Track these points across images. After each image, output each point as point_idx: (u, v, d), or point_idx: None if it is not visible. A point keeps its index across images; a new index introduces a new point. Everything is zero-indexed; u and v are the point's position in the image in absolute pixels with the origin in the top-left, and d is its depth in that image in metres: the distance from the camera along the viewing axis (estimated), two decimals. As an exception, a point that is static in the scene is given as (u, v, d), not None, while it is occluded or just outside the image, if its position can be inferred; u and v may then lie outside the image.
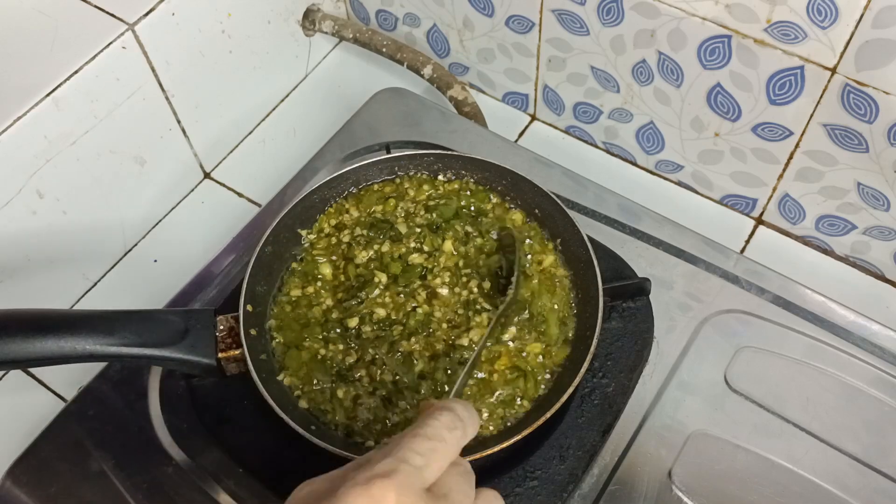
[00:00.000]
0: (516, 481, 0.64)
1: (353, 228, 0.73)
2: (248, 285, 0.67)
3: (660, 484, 0.64)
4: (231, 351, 0.64)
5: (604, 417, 0.66)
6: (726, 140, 0.81)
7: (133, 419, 0.68)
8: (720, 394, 0.68)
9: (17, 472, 0.66)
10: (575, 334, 0.68)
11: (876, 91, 0.68)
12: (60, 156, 0.74)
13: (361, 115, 0.88)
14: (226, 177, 0.94)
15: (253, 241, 0.73)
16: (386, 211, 0.74)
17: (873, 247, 0.80)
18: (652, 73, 0.80)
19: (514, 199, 0.75)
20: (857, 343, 0.70)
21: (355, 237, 0.72)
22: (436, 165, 0.77)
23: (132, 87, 0.78)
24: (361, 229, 0.72)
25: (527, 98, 0.96)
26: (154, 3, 0.76)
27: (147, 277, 0.86)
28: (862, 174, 0.75)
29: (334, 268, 0.71)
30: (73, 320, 0.60)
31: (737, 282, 0.74)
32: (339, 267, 0.71)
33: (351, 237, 0.72)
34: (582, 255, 0.69)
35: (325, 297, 0.69)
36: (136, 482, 0.65)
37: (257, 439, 0.66)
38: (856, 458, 0.65)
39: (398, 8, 0.96)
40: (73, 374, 0.73)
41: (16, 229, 0.74)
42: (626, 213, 0.78)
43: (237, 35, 0.87)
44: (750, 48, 0.71)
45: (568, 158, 0.86)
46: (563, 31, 0.83)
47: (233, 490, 0.64)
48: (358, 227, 0.73)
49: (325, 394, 0.64)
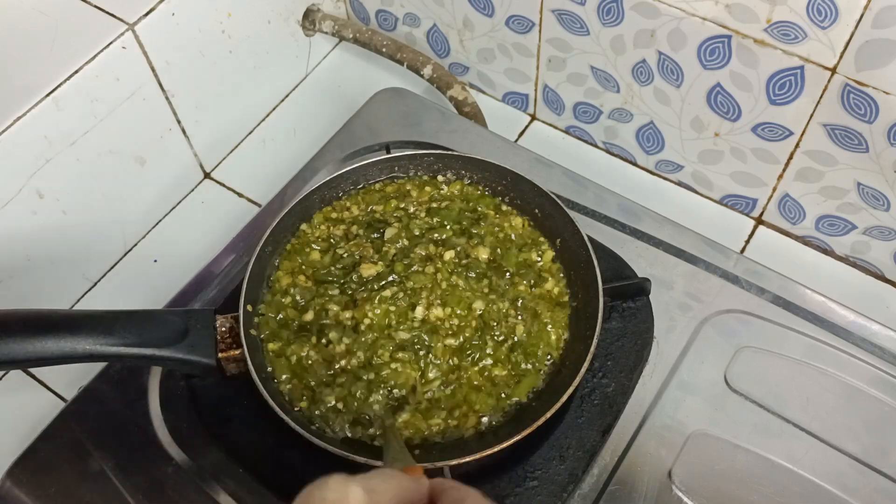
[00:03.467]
0: (516, 481, 0.64)
1: (350, 226, 0.73)
2: (248, 285, 0.67)
3: (660, 484, 0.64)
4: (231, 351, 0.64)
5: (604, 417, 0.66)
6: (726, 140, 0.81)
7: (133, 419, 0.68)
8: (720, 394, 0.68)
9: (17, 472, 0.66)
10: (575, 334, 0.68)
11: (876, 91, 0.68)
12: (60, 156, 0.74)
13: (361, 115, 0.88)
14: (226, 177, 0.94)
15: (253, 241, 0.73)
16: (386, 211, 0.74)
17: (873, 247, 0.80)
18: (652, 73, 0.80)
19: (514, 199, 0.75)
20: (857, 343, 0.70)
21: (349, 233, 0.73)
22: (436, 165, 0.77)
23: (132, 87, 0.78)
24: (358, 228, 0.73)
25: (527, 98, 0.96)
26: (154, 3, 0.76)
27: (147, 277, 0.86)
28: (862, 174, 0.75)
29: (321, 252, 0.72)
30: (73, 320, 0.60)
31: (737, 282, 0.74)
32: (325, 251, 0.72)
33: (345, 230, 0.73)
34: (582, 255, 0.69)
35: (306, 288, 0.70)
36: (136, 482, 0.65)
37: (257, 439, 0.66)
38: (856, 458, 0.65)
39: (398, 8, 0.96)
40: (73, 374, 0.73)
41: (16, 229, 0.74)
42: (626, 213, 0.78)
43: (237, 35, 0.87)
44: (750, 48, 0.71)
45: (568, 158, 0.86)
46: (563, 31, 0.83)
47: (233, 490, 0.64)
48: (355, 226, 0.73)
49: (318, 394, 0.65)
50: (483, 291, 0.68)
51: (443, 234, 0.72)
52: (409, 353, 0.64)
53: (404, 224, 0.72)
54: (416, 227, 0.72)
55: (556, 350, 0.67)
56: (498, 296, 0.68)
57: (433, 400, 0.64)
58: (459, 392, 0.64)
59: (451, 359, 0.65)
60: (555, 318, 0.68)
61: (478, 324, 0.67)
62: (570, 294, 0.70)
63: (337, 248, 0.71)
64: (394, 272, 0.68)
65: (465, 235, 0.72)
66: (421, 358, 0.65)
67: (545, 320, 0.68)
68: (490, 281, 0.69)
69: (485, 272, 0.69)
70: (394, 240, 0.71)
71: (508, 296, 0.68)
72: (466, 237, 0.72)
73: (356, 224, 0.73)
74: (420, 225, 0.72)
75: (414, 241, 0.71)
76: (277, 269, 0.71)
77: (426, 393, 0.64)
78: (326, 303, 0.67)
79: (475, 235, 0.72)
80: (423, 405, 0.64)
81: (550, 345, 0.67)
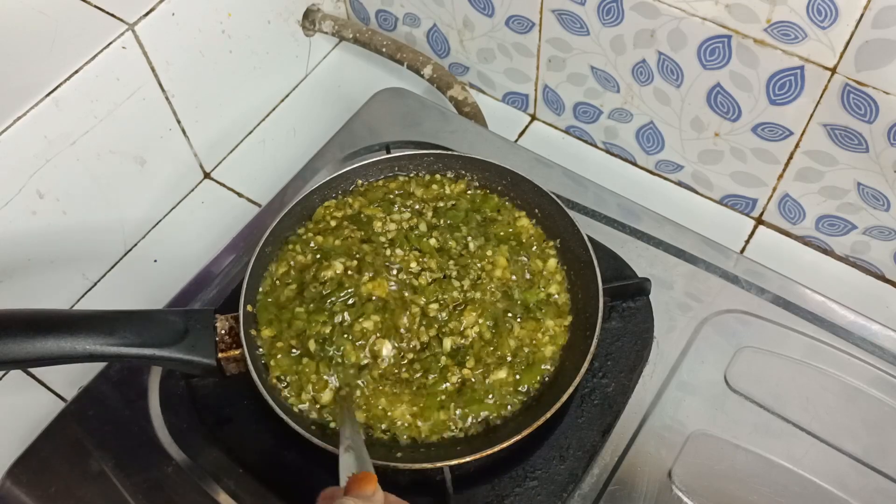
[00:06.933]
0: (516, 481, 0.64)
1: (342, 222, 0.73)
2: (248, 285, 0.67)
3: (660, 484, 0.64)
4: (231, 351, 0.64)
5: (604, 417, 0.66)
6: (726, 140, 0.81)
7: (133, 419, 0.68)
8: (720, 394, 0.68)
9: (17, 472, 0.66)
10: (575, 334, 0.68)
11: (876, 91, 0.68)
12: (60, 156, 0.74)
13: (361, 115, 0.88)
14: (226, 177, 0.94)
15: (253, 241, 0.73)
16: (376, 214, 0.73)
17: (873, 247, 0.80)
18: (652, 73, 0.80)
19: (514, 199, 0.75)
20: (857, 343, 0.70)
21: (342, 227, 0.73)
22: (436, 165, 0.77)
23: (132, 87, 0.78)
24: (350, 223, 0.73)
25: (527, 98, 0.96)
26: (154, 3, 0.76)
27: (147, 277, 0.86)
28: (862, 174, 0.75)
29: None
30: (73, 320, 0.60)
31: (737, 282, 0.74)
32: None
33: (338, 223, 0.73)
34: (582, 255, 0.69)
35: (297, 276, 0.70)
36: (136, 482, 0.65)
37: (257, 439, 0.66)
38: (856, 458, 0.65)
39: (398, 8, 0.96)
40: (73, 374, 0.74)
41: (16, 229, 0.74)
42: (626, 213, 0.78)
43: (237, 35, 0.87)
44: (750, 48, 0.71)
45: (568, 158, 0.86)
46: (563, 31, 0.83)
47: (233, 490, 0.64)
48: (346, 221, 0.73)
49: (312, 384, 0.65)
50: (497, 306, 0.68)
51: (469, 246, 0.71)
52: (384, 316, 0.65)
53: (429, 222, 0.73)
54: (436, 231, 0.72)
55: (556, 351, 0.67)
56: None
57: (431, 399, 0.64)
58: (464, 391, 0.64)
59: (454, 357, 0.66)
60: (557, 323, 0.68)
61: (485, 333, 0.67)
62: (570, 295, 0.70)
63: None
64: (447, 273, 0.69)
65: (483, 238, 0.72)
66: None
67: (548, 324, 0.68)
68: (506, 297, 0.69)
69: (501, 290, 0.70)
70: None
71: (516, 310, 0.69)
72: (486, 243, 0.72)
73: (347, 220, 0.73)
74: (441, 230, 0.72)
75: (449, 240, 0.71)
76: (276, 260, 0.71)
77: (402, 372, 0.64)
78: (326, 268, 0.68)
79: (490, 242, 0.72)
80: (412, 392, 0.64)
81: (553, 346, 0.67)
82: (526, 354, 0.66)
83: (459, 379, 0.64)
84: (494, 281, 0.69)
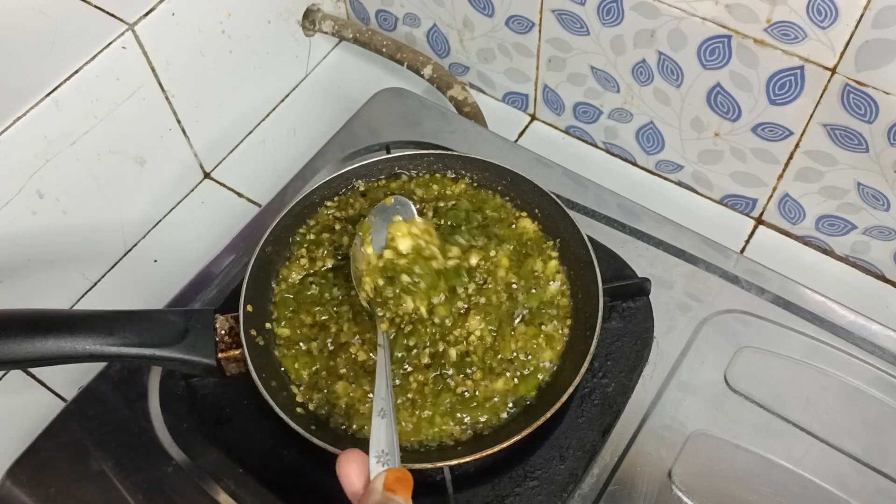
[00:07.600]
0: (516, 481, 0.64)
1: (342, 222, 0.73)
2: (248, 285, 0.67)
3: (660, 484, 0.64)
4: (231, 351, 0.64)
5: (604, 417, 0.66)
6: (726, 140, 0.81)
7: (133, 419, 0.68)
8: (720, 394, 0.68)
9: (17, 472, 0.66)
10: (575, 334, 0.68)
11: (876, 91, 0.68)
12: (60, 156, 0.74)
13: (361, 115, 0.88)
14: (226, 177, 0.94)
15: (253, 241, 0.73)
16: None
17: (873, 247, 0.81)
18: (652, 73, 0.80)
19: (515, 199, 0.75)
20: (857, 343, 0.70)
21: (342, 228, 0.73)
22: (436, 165, 0.77)
23: (132, 87, 0.78)
24: (348, 223, 0.73)
25: (527, 98, 0.96)
26: (154, 3, 0.76)
27: (147, 277, 0.86)
28: (862, 174, 0.75)
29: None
30: (73, 320, 0.60)
31: (737, 282, 0.74)
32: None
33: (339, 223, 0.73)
34: (582, 255, 0.69)
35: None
36: (136, 482, 0.65)
37: (257, 439, 0.66)
38: (856, 458, 0.65)
39: (398, 8, 0.96)
40: (73, 374, 0.74)
41: (16, 229, 0.74)
42: (626, 213, 0.78)
43: (237, 35, 0.87)
44: (750, 48, 0.71)
45: (568, 158, 0.86)
46: (563, 31, 0.83)
47: (233, 490, 0.64)
48: (344, 221, 0.73)
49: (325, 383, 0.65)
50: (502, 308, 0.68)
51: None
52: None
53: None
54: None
55: (555, 355, 0.67)
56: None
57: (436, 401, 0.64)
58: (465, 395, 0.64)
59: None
60: (558, 326, 0.68)
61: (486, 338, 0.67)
62: (570, 295, 0.70)
63: None
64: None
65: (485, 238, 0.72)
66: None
67: (548, 329, 0.68)
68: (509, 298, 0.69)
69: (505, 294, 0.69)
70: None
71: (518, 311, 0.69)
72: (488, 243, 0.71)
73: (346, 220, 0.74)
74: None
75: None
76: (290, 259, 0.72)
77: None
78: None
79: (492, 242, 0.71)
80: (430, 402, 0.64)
81: (552, 351, 0.67)
82: (526, 361, 0.66)
83: (464, 390, 0.64)
84: (498, 281, 0.69)
